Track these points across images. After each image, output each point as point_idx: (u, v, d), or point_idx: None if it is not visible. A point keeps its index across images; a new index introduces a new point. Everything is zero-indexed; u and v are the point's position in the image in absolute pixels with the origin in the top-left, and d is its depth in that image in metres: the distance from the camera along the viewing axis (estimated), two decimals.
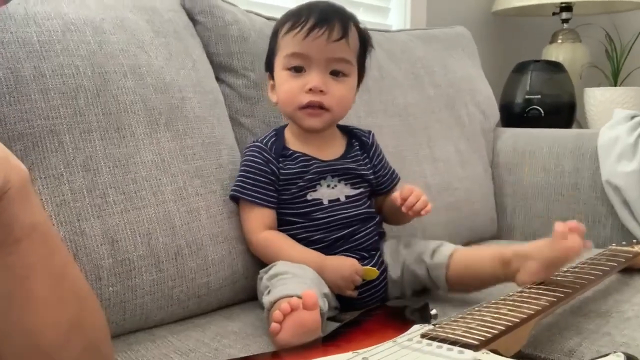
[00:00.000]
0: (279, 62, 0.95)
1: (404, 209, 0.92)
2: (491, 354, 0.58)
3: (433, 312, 0.71)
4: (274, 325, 0.70)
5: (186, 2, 1.08)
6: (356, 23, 0.96)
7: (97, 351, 0.56)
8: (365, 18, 1.71)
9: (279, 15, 1.15)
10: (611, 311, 0.83)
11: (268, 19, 1.18)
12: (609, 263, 0.90)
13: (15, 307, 0.49)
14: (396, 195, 0.94)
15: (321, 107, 0.92)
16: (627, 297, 0.89)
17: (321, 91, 0.91)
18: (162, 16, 1.00)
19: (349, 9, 0.98)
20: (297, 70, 0.92)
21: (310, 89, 0.91)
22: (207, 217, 0.90)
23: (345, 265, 0.88)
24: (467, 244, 1.35)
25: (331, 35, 0.90)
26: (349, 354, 0.57)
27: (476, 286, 0.91)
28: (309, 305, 0.70)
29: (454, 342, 0.59)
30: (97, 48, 0.86)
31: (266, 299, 0.79)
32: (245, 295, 0.95)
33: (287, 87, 0.93)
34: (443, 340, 0.60)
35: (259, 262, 0.95)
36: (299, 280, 0.82)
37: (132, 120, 0.86)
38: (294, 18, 0.92)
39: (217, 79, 1.07)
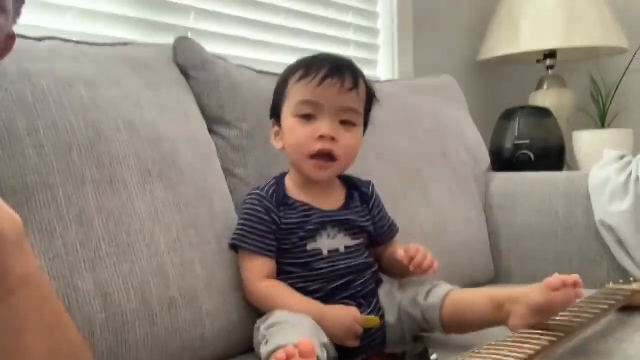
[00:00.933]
0: (289, 109, 0.95)
1: (411, 268, 0.91)
2: None
3: (433, 357, 0.70)
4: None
5: (179, 57, 1.10)
6: (363, 76, 0.98)
7: None
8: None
9: (271, 70, 1.18)
10: (612, 350, 0.82)
11: (259, 72, 1.20)
12: (607, 302, 0.89)
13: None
14: (402, 254, 0.92)
15: (330, 155, 0.93)
16: (627, 336, 0.88)
17: (332, 138, 0.92)
18: (155, 71, 1.02)
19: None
20: (308, 117, 0.93)
21: (322, 136, 0.92)
22: (202, 267, 0.89)
23: (345, 314, 0.87)
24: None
25: (343, 85, 0.92)
26: None
27: (470, 328, 0.90)
28: (305, 352, 0.69)
29: None
30: (91, 103, 0.87)
31: (264, 350, 0.78)
32: (240, 348, 0.93)
33: (298, 134, 0.93)
34: None
35: (255, 312, 0.93)
36: (297, 329, 0.81)
37: (125, 173, 0.86)
38: (306, 67, 0.94)
39: (211, 131, 1.08)
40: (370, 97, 1.01)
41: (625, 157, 1.36)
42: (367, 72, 1.80)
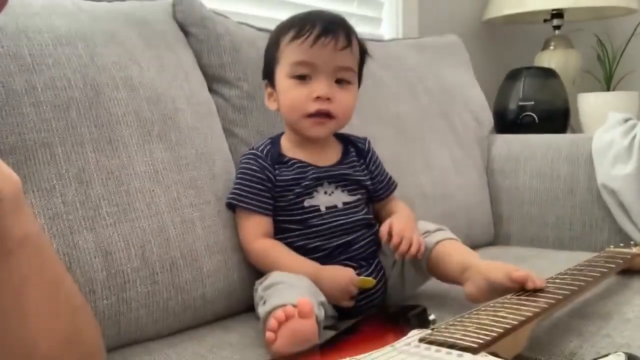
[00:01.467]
0: (283, 70, 0.94)
1: (396, 256, 0.91)
2: (490, 356, 0.57)
3: (431, 317, 0.70)
4: (269, 334, 0.70)
5: (178, 14, 1.08)
6: (355, 33, 0.97)
7: None
8: (357, 28, 1.72)
9: (271, 27, 1.16)
10: (611, 313, 0.83)
11: (259, 29, 1.18)
12: (607, 265, 0.89)
13: (9, 321, 0.48)
14: (384, 233, 0.91)
15: (328, 115, 0.92)
16: (626, 299, 0.89)
17: (328, 99, 0.91)
18: (153, 28, 1.00)
19: None
20: (303, 78, 0.92)
21: (318, 97, 0.91)
22: (202, 228, 0.89)
23: (341, 275, 0.88)
24: None
25: (337, 44, 0.91)
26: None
27: (445, 280, 0.93)
28: (304, 313, 0.69)
29: (452, 346, 0.58)
30: (89, 61, 0.86)
31: (262, 310, 0.79)
32: (241, 307, 0.94)
33: (293, 95, 0.92)
34: (441, 344, 0.59)
35: (255, 273, 0.94)
36: (295, 289, 0.81)
37: (124, 132, 0.85)
38: (298, 26, 0.92)
39: (210, 90, 1.07)
40: (363, 54, 1.00)
41: (629, 120, 1.34)
42: (370, 30, 1.80)
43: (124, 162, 0.84)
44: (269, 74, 0.98)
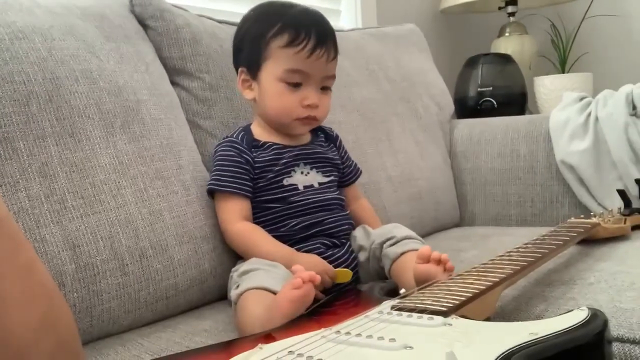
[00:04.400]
0: (273, 72, 0.95)
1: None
2: (460, 318, 0.59)
3: (402, 291, 0.72)
4: (297, 292, 0.68)
5: (136, 8, 1.07)
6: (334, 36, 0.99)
7: (69, 349, 0.55)
8: None
9: (230, 19, 1.16)
10: (574, 279, 0.85)
11: (220, 22, 1.18)
12: (569, 234, 0.92)
13: None
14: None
15: (315, 119, 0.98)
16: (588, 265, 0.92)
17: (317, 106, 0.97)
18: (111, 22, 0.99)
19: None
20: (294, 84, 0.95)
21: (309, 105, 0.96)
22: (171, 217, 0.89)
23: (314, 262, 0.89)
24: (432, 233, 1.38)
25: (329, 56, 0.96)
26: (322, 330, 0.57)
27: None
28: (314, 278, 0.70)
29: (423, 310, 0.60)
30: (47, 54, 0.85)
31: (234, 292, 0.79)
32: (214, 295, 0.94)
33: (284, 101, 0.95)
34: (412, 310, 0.61)
35: (227, 260, 0.94)
36: (269, 274, 0.82)
37: (86, 125, 0.85)
38: (293, 32, 0.93)
39: (172, 82, 1.07)
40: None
41: (585, 98, 1.39)
42: (330, 22, 1.81)
43: (87, 154, 0.83)
44: (250, 65, 0.98)
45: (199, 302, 0.92)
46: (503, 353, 0.48)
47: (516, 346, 0.49)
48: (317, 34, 0.94)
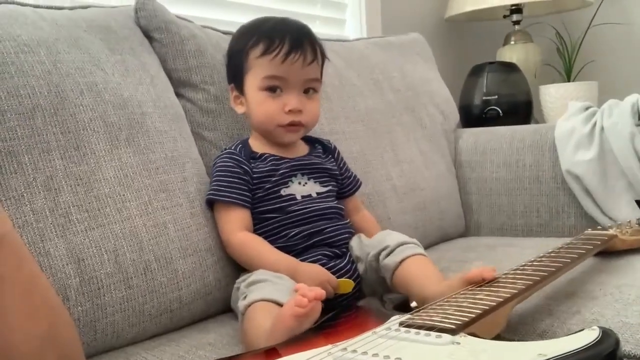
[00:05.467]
0: (254, 82, 0.98)
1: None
2: (469, 336, 0.59)
3: (413, 304, 0.71)
4: (298, 310, 0.67)
5: (141, 20, 1.07)
6: (318, 41, 1.01)
7: None
8: (322, 30, 1.73)
9: (235, 30, 1.16)
10: (578, 292, 0.85)
11: (224, 33, 1.18)
12: (585, 246, 0.90)
13: None
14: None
15: (300, 125, 0.99)
16: (603, 279, 0.90)
17: (299, 111, 0.97)
18: (117, 34, 1.00)
19: (306, 22, 1.02)
20: (274, 90, 0.97)
21: (291, 110, 0.97)
22: (175, 230, 0.89)
23: (317, 273, 0.88)
24: (436, 243, 1.37)
25: (305, 59, 0.97)
26: (329, 347, 0.57)
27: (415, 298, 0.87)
28: (319, 296, 0.69)
29: (431, 328, 0.59)
30: (52, 67, 0.85)
31: (241, 303, 0.79)
32: (218, 308, 0.94)
33: (266, 108, 0.97)
34: (420, 327, 0.60)
35: (231, 273, 0.94)
36: (277, 287, 0.82)
37: (91, 138, 0.85)
38: (267, 41, 0.96)
39: (177, 94, 1.07)
40: (323, 58, 1.05)
41: (590, 108, 1.38)
42: (334, 31, 1.81)
43: (92, 167, 0.84)
44: (236, 80, 1.02)
45: (203, 314, 0.92)
46: None
47: None
48: (291, 39, 0.96)
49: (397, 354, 0.53)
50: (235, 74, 1.02)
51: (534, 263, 0.82)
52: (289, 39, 0.96)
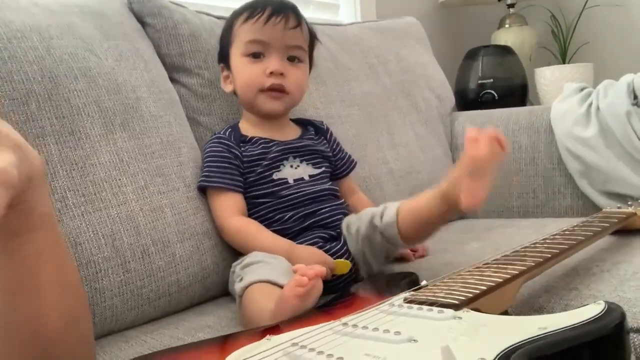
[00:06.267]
0: (237, 50, 0.99)
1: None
2: (472, 311, 0.58)
3: (423, 283, 0.70)
4: (299, 289, 0.67)
5: (134, 5, 1.07)
6: (303, 17, 1.02)
7: (88, 345, 0.56)
8: (315, 15, 1.73)
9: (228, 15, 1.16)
10: (577, 269, 0.85)
11: (218, 18, 1.18)
12: (600, 225, 0.89)
13: (23, 296, 0.48)
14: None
15: (282, 90, 0.97)
16: (622, 257, 0.89)
17: (281, 74, 0.96)
18: (110, 20, 0.99)
19: (299, 7, 1.02)
20: (256, 56, 0.97)
21: (272, 73, 0.96)
22: (172, 214, 0.89)
23: (313, 254, 0.88)
24: None
25: (288, 23, 0.96)
26: (331, 322, 0.57)
27: (429, 230, 0.89)
28: (320, 273, 0.69)
29: (433, 303, 0.59)
30: (46, 53, 0.85)
31: (238, 286, 0.79)
32: (216, 291, 0.94)
33: (248, 72, 0.98)
34: (423, 302, 0.60)
35: (229, 256, 0.94)
36: (272, 268, 0.82)
37: (86, 123, 0.85)
38: (250, 9, 0.98)
39: (172, 79, 1.07)
40: (312, 38, 1.05)
41: (585, 89, 1.38)
42: (329, 17, 1.80)
43: (87, 152, 0.83)
44: (224, 57, 1.02)
45: (201, 298, 0.92)
46: (507, 348, 0.47)
47: (522, 341, 0.48)
48: (273, 5, 0.97)
49: (397, 328, 0.53)
50: (223, 50, 1.03)
51: (547, 241, 0.81)
52: (272, 4, 0.97)
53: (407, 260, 1.04)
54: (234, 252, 0.95)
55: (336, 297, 0.75)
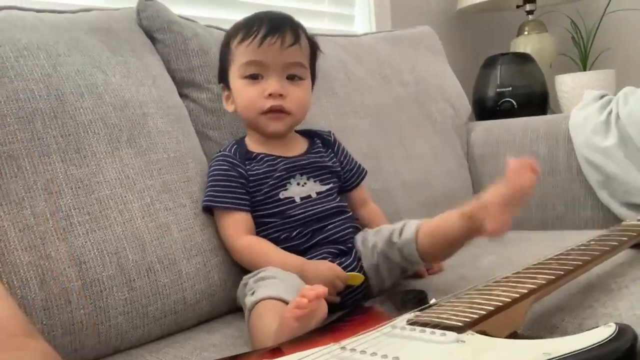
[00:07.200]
0: (235, 72, 0.97)
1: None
2: (477, 335, 0.56)
3: (432, 301, 0.69)
4: (298, 311, 0.66)
5: (143, 21, 1.07)
6: (304, 29, 0.99)
7: None
8: (330, 27, 1.72)
9: None
10: (594, 285, 0.82)
11: None
12: (618, 238, 0.85)
13: None
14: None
15: (282, 110, 0.95)
16: (611, 270, 0.87)
17: (280, 95, 0.94)
18: (118, 36, 0.99)
19: (314, 18, 1.01)
20: (254, 77, 0.95)
21: (270, 94, 0.94)
22: (178, 231, 0.88)
23: (325, 269, 0.87)
24: None
25: (284, 41, 0.94)
26: (330, 345, 0.55)
27: (448, 250, 0.88)
28: (321, 294, 0.68)
29: (437, 325, 0.57)
30: (52, 71, 0.85)
31: (249, 299, 0.78)
32: (224, 308, 0.93)
33: (247, 95, 0.96)
34: (427, 325, 0.58)
35: (236, 273, 0.93)
36: (285, 285, 0.80)
37: (92, 140, 0.85)
38: (246, 29, 0.95)
39: (181, 95, 1.06)
40: (314, 49, 1.02)
41: (605, 96, 1.34)
42: (343, 27, 1.80)
43: (93, 170, 0.83)
44: (224, 77, 1.01)
45: (208, 316, 0.91)
46: None
47: None
48: (269, 23, 0.94)
49: (396, 352, 0.52)
50: (222, 70, 1.01)
51: (561, 256, 0.78)
52: (267, 23, 0.94)
53: (420, 276, 1.02)
54: (242, 268, 0.93)
55: (344, 314, 0.73)
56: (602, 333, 0.52)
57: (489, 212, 0.78)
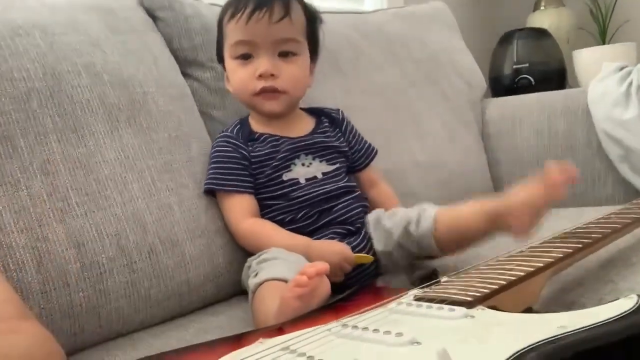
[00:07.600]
0: (227, 52, 0.94)
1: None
2: (487, 309, 0.53)
3: (444, 279, 0.65)
4: (300, 289, 0.64)
5: (145, 0, 1.04)
6: (298, 1, 0.94)
7: None
8: (341, 5, 1.68)
9: None
10: (615, 259, 0.78)
11: None
12: (637, 213, 0.82)
13: None
14: None
15: (275, 90, 0.91)
16: (631, 245, 0.83)
17: (272, 75, 0.90)
18: (117, 15, 0.97)
19: None
20: (245, 57, 0.92)
21: (261, 75, 0.90)
22: (181, 212, 0.86)
23: (331, 250, 0.84)
24: None
25: (272, 16, 0.89)
26: (331, 323, 0.53)
27: (467, 244, 0.85)
28: (323, 271, 0.65)
29: (443, 301, 0.54)
30: (48, 49, 0.83)
31: (252, 281, 0.76)
32: (230, 291, 0.90)
33: (239, 76, 0.93)
34: (433, 300, 0.55)
35: (242, 254, 0.90)
36: (289, 265, 0.78)
37: (90, 119, 0.82)
38: (234, 5, 0.91)
39: (184, 74, 1.04)
40: (312, 19, 0.97)
41: (625, 68, 1.29)
42: (354, 6, 1.75)
43: (91, 150, 0.81)
44: (220, 57, 0.98)
45: (213, 298, 0.89)
46: (517, 352, 0.41)
47: (536, 343, 0.42)
48: None
49: (400, 329, 0.48)
50: (219, 50, 0.98)
51: (579, 230, 0.75)
52: None
53: (434, 256, 0.98)
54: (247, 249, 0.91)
55: (351, 293, 0.70)
56: (622, 305, 0.48)
57: (517, 214, 0.76)
